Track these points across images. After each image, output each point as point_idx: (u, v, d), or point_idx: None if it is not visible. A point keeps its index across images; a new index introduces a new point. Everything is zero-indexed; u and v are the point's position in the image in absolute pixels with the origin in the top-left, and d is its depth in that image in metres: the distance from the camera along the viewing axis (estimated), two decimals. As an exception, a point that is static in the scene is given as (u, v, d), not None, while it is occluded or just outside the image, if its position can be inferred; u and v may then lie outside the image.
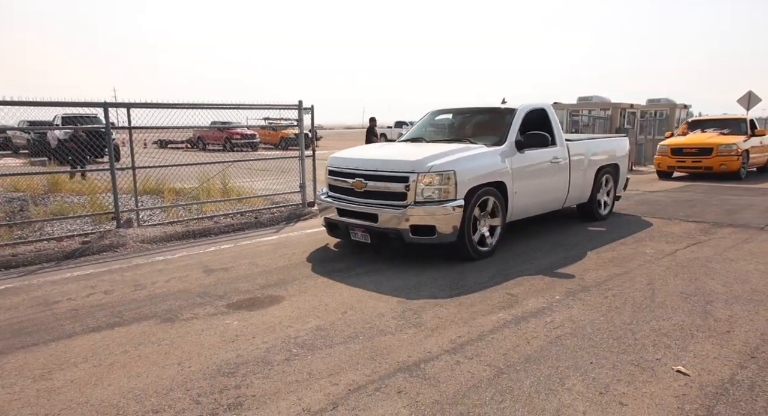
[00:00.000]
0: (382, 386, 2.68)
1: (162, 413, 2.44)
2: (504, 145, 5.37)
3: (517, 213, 5.51)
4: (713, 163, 11.65)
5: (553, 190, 6.05)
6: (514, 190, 5.28)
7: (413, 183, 4.65)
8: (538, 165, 5.73)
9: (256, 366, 2.91)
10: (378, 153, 5.55)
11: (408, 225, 4.62)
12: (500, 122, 5.75)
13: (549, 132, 5.92)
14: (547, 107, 6.22)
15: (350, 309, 3.78)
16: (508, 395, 2.58)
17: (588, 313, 3.67)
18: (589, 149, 6.66)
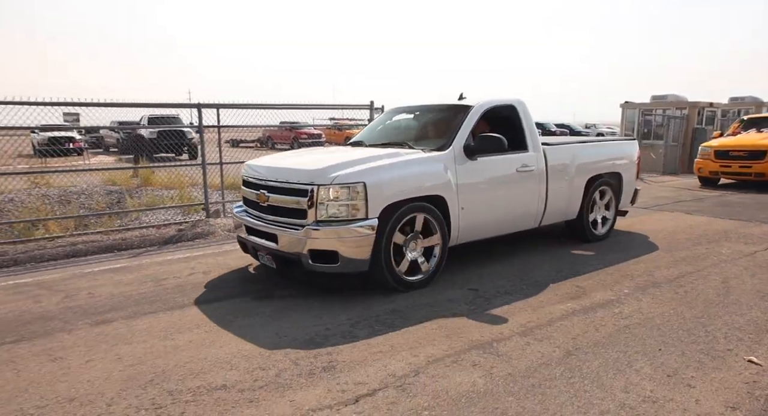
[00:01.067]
0: (458, 359, 2.94)
1: (267, 370, 2.83)
2: (447, 150, 4.36)
3: (466, 234, 4.52)
4: (766, 169, 9.80)
5: (520, 205, 4.96)
6: (459, 206, 4.34)
7: (313, 197, 3.78)
8: (498, 174, 4.71)
9: (342, 338, 3.26)
10: (289, 159, 4.65)
11: (307, 249, 3.78)
12: (451, 123, 4.70)
13: (518, 134, 4.97)
14: (517, 104, 5.09)
15: (424, 297, 4.07)
16: (577, 372, 2.77)
17: (657, 307, 3.75)
18: (575, 155, 5.46)
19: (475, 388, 2.61)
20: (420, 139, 4.96)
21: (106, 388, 2.66)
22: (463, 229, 4.46)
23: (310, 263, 3.83)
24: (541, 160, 5.07)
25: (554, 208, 5.30)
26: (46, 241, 5.90)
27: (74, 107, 6.27)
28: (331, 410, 2.43)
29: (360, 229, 3.76)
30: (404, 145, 4.66)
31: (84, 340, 3.27)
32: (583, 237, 5.74)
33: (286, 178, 4.06)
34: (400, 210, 3.97)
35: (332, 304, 3.87)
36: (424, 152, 4.38)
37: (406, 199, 4.01)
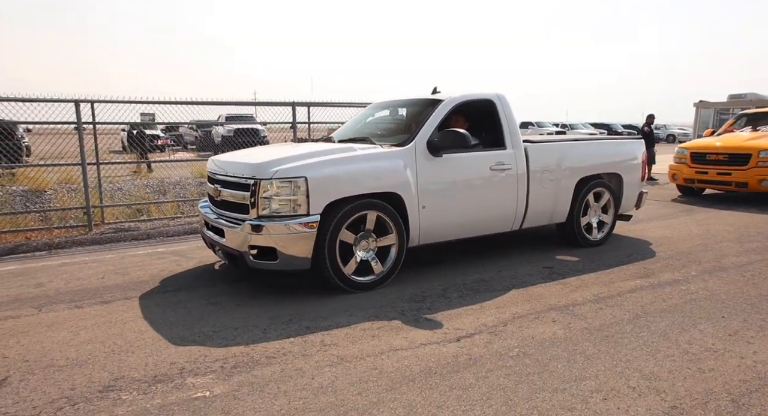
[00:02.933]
0: (539, 317, 3.47)
1: (381, 318, 3.47)
2: (408, 146, 4.19)
3: (429, 234, 4.33)
4: (749, 177, 7.81)
5: (494, 206, 4.68)
6: (420, 205, 4.16)
7: (255, 191, 3.72)
8: (467, 172, 4.48)
9: (437, 299, 3.86)
10: (245, 154, 4.57)
11: (247, 245, 3.73)
12: (418, 118, 4.55)
13: (496, 130, 4.77)
14: (495, 98, 4.80)
15: (504, 269, 4.60)
16: (645, 329, 3.22)
17: (723, 286, 4.09)
18: (563, 154, 5.13)
19: (556, 336, 3.14)
20: (389, 135, 4.80)
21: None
22: (425, 229, 4.26)
23: (252, 259, 3.76)
24: (521, 159, 4.78)
25: (538, 210, 4.99)
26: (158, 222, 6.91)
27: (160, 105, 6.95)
28: (438, 345, 3.03)
29: (299, 226, 3.65)
30: (366, 141, 4.51)
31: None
32: (575, 241, 5.36)
33: (234, 173, 3.99)
34: (348, 207, 3.83)
35: (426, 274, 4.48)
36: (383, 147, 4.23)
37: (354, 195, 3.86)
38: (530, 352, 2.91)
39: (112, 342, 3.09)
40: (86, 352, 2.96)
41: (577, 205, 5.26)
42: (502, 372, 2.67)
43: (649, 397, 2.40)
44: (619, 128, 34.68)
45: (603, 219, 5.59)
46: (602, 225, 5.59)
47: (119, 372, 2.70)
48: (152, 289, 4.14)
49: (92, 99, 6.36)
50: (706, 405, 2.34)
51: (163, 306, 3.73)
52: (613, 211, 5.62)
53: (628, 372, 2.65)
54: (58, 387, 2.55)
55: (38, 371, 2.73)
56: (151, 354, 2.91)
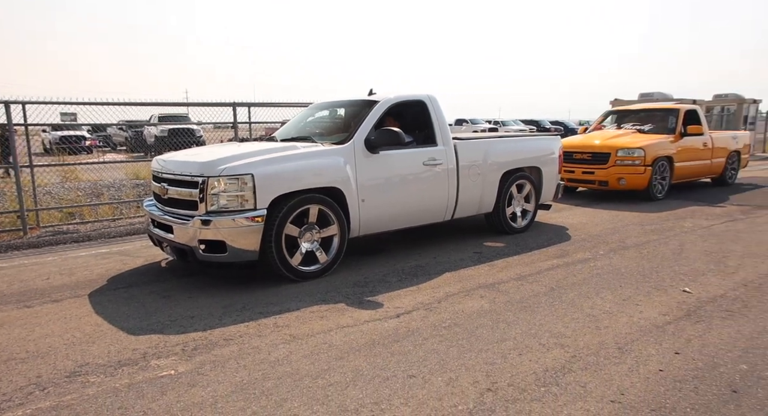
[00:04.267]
0: (469, 294, 3.92)
1: (328, 302, 3.80)
2: (347, 144, 4.52)
3: (368, 225, 4.67)
4: (609, 175, 8.08)
5: (427, 198, 5.07)
6: (360, 198, 4.50)
7: (204, 188, 3.92)
8: (402, 168, 4.85)
9: (379, 283, 4.23)
10: (191, 153, 4.77)
11: (197, 240, 3.94)
12: (356, 118, 4.87)
13: (428, 129, 5.20)
14: (427, 99, 5.21)
15: (440, 254, 5.05)
16: (558, 299, 3.76)
17: (624, 261, 4.74)
18: (489, 150, 5.61)
19: (483, 309, 3.60)
20: (329, 134, 5.09)
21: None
22: (364, 221, 4.60)
23: (202, 253, 3.96)
24: (451, 154, 5.20)
25: (467, 202, 5.43)
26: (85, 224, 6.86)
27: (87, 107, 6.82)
28: (380, 321, 3.40)
29: (247, 220, 3.89)
30: (308, 139, 4.83)
31: (179, 286, 4.23)
32: (501, 229, 5.88)
33: (181, 171, 4.18)
34: (293, 201, 4.08)
35: (369, 262, 4.84)
36: (324, 145, 4.54)
37: (298, 190, 4.12)
38: (460, 323, 3.34)
39: (71, 335, 3.23)
40: (46, 345, 3.09)
41: (502, 196, 5.77)
42: (436, 339, 3.08)
43: (555, 350, 2.89)
44: (547, 124, 36.67)
45: (526, 208, 6.13)
46: (525, 214, 6.14)
47: (83, 360, 2.87)
48: (102, 287, 4.25)
49: (23, 100, 6.23)
50: (598, 352, 2.85)
51: (116, 302, 3.86)
52: (535, 201, 6.18)
53: (540, 333, 3.14)
54: (24, 376, 2.69)
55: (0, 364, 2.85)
56: (113, 343, 3.09)
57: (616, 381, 2.54)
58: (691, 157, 8.84)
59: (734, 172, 10.17)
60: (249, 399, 2.43)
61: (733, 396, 2.40)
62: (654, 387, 2.48)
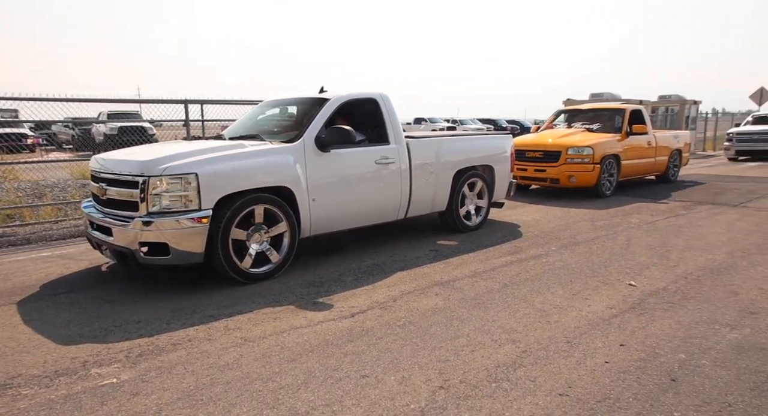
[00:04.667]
0: (424, 292, 3.94)
1: (281, 303, 3.73)
2: (297, 142, 4.42)
3: (319, 225, 4.58)
4: (560, 173, 8.28)
5: (380, 197, 5.04)
6: (310, 198, 4.41)
7: (144, 188, 3.75)
8: (354, 167, 4.81)
9: (334, 283, 4.19)
10: (131, 151, 4.59)
11: (138, 242, 3.75)
12: (307, 116, 4.78)
13: (380, 127, 5.15)
14: (379, 98, 5.19)
15: (397, 253, 5.05)
16: (511, 295, 3.82)
17: (574, 257, 4.88)
18: (442, 149, 5.62)
19: (438, 306, 3.62)
20: (279, 132, 4.96)
21: (160, 316, 3.49)
22: (316, 220, 4.51)
23: (143, 256, 3.79)
24: (403, 153, 5.19)
25: (420, 200, 5.42)
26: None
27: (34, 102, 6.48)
28: (335, 321, 3.36)
29: (191, 221, 3.75)
30: (257, 138, 4.70)
31: (125, 290, 4.05)
32: (454, 228, 5.89)
33: (120, 170, 4.00)
34: (240, 201, 3.96)
35: (325, 261, 4.79)
36: (273, 144, 4.42)
37: (245, 189, 4.00)
38: (415, 321, 3.35)
39: (2, 346, 3.04)
40: (-25, 357, 2.89)
41: (455, 194, 5.79)
42: (390, 338, 3.07)
43: (507, 346, 2.94)
44: (503, 123, 37.46)
45: (479, 206, 6.18)
46: (478, 212, 6.18)
47: (15, 371, 2.70)
48: (41, 292, 4.02)
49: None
50: (548, 347, 2.91)
51: (56, 308, 3.66)
52: (488, 199, 6.24)
53: (493, 329, 3.18)
54: (-52, 391, 2.50)
55: None
56: (49, 352, 2.92)
57: (564, 374, 2.60)
58: (636, 155, 9.15)
59: (676, 169, 10.64)
60: (196, 406, 2.34)
61: (672, 384, 2.49)
62: (600, 378, 2.55)
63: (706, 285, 3.97)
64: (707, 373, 2.59)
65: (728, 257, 4.76)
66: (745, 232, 5.77)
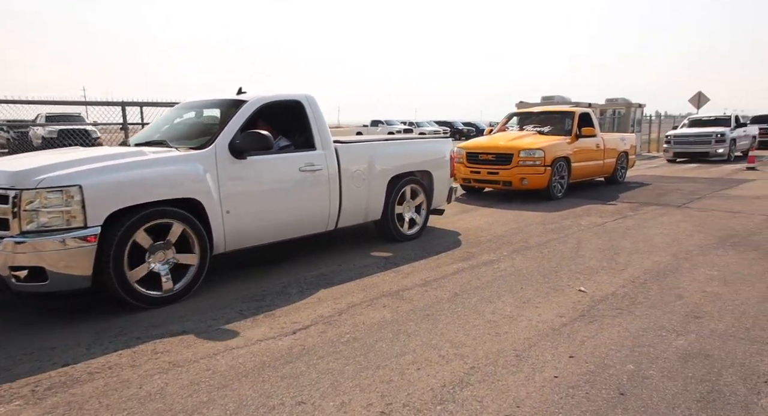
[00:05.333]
0: (372, 303, 3.76)
1: (216, 322, 3.47)
2: (207, 149, 4.00)
3: (236, 239, 4.16)
4: (512, 176, 8.27)
5: (306, 207, 4.66)
6: (224, 210, 3.99)
7: (17, 203, 3.21)
8: (275, 174, 4.42)
9: (277, 296, 3.95)
10: (9, 160, 4.06)
11: (8, 266, 3.23)
12: (222, 120, 4.44)
13: (306, 132, 4.80)
14: (303, 100, 4.83)
15: (345, 262, 4.86)
16: (461, 305, 3.70)
17: (526, 262, 4.83)
18: (375, 154, 5.29)
19: (385, 319, 3.45)
20: (191, 138, 4.49)
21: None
22: (231, 234, 4.10)
23: (16, 283, 3.30)
24: (332, 159, 4.85)
25: (351, 209, 5.10)
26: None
27: None
28: (274, 340, 3.14)
29: (74, 241, 3.25)
30: (163, 144, 4.32)
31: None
32: (391, 237, 5.59)
33: None
34: (135, 216, 3.50)
35: (269, 272, 4.54)
36: (179, 151, 4.03)
37: (143, 202, 3.55)
38: (360, 337, 3.17)
39: None
40: None
41: (390, 202, 5.47)
42: (332, 357, 2.88)
43: (454, 362, 2.80)
44: (459, 125, 37.92)
45: (417, 214, 5.91)
46: (417, 219, 5.90)
47: None
48: (-55, 316, 3.60)
49: None
50: (497, 361, 2.80)
51: (-41, 334, 3.27)
52: (426, 206, 5.97)
53: (440, 344, 3.04)
54: None
55: None
56: (-59, 389, 2.57)
57: (512, 392, 2.48)
58: (586, 157, 9.30)
59: (624, 171, 10.90)
60: (106, 448, 2.08)
61: (620, 399, 2.41)
62: (549, 395, 2.44)
63: (653, 289, 3.98)
64: (655, 385, 2.53)
65: (673, 259, 4.82)
66: (687, 233, 5.90)
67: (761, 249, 5.11)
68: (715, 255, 4.92)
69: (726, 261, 4.71)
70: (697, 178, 11.75)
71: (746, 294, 3.81)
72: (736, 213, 7.05)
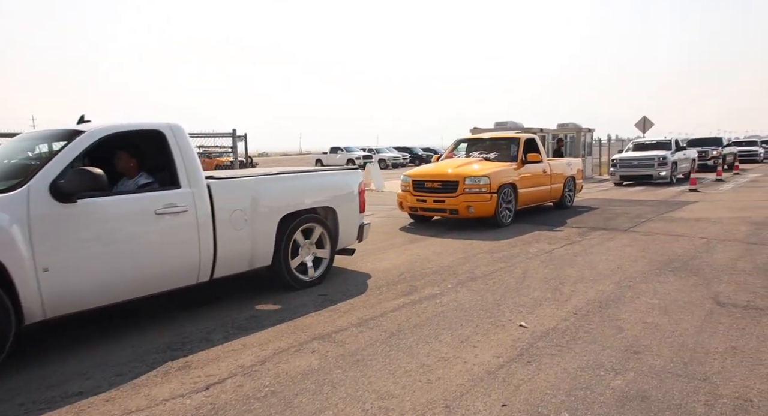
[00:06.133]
0: (300, 349, 3.48)
1: (121, 378, 3.11)
2: (17, 191, 3.26)
3: (62, 303, 3.38)
4: (458, 204, 8.02)
5: (166, 257, 3.92)
6: (39, 268, 3.22)
7: None
8: (117, 220, 3.67)
9: (199, 343, 3.62)
10: None
11: None
12: (48, 156, 3.69)
13: (169, 167, 4.08)
14: (166, 129, 4.14)
15: (279, 303, 4.56)
16: (395, 347, 3.46)
17: (470, 295, 4.65)
18: (260, 191, 4.57)
19: (311, 367, 3.17)
20: (9, 178, 3.63)
21: None
22: (52, 298, 3.30)
23: None
24: (202, 198, 4.11)
25: (231, 256, 4.34)
26: None
27: None
28: (182, 398, 2.81)
29: None
30: None
31: None
32: (286, 284, 4.84)
33: None
34: None
35: (196, 315, 4.19)
36: None
37: None
38: (279, 390, 2.88)
39: None
40: None
41: (283, 245, 4.72)
42: (243, 417, 2.58)
43: (378, 418, 2.55)
44: (419, 151, 38.26)
45: (319, 256, 5.16)
46: (319, 262, 5.16)
47: None
48: None
49: None
50: (423, 415, 2.56)
51: None
52: (330, 247, 5.22)
53: (366, 396, 2.78)
54: None
55: None
56: None
57: (436, 452, 2.24)
58: (533, 183, 9.31)
59: (572, 195, 10.97)
60: None
61: (553, 455, 2.21)
62: (476, 454, 2.22)
63: (594, 321, 3.86)
64: (590, 435, 2.35)
65: (616, 287, 4.75)
66: (632, 259, 5.90)
67: (701, 274, 5.12)
68: (657, 282, 4.89)
69: (667, 288, 4.67)
70: (644, 200, 12.05)
71: (685, 324, 3.74)
72: (678, 237, 7.15)
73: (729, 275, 5.05)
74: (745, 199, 11.66)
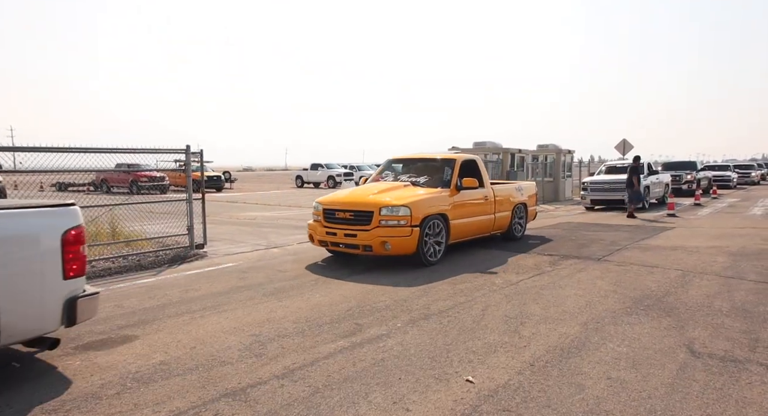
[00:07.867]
0: (202, 410, 2.91)
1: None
2: None
3: None
4: (372, 239, 6.61)
5: None
6: None
7: None
8: None
9: (84, 401, 3.03)
10: None
11: None
12: None
13: None
14: None
15: (200, 344, 3.99)
16: (314, 410, 2.91)
17: (419, 337, 4.13)
18: None
19: (205, 439, 2.61)
20: None
21: None
22: None
23: None
24: None
25: None
26: None
27: None
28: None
29: None
30: None
31: None
32: None
33: None
34: None
35: (90, 365, 3.59)
36: None
37: None
38: (154, 474, 2.31)
39: None
40: None
41: None
42: None
43: None
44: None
45: None
46: None
47: None
48: None
49: None
50: None
51: None
52: None
53: (257, 484, 2.23)
54: None
55: None
56: None
57: None
58: (470, 212, 7.86)
59: (522, 224, 9.48)
60: None
61: None
62: None
63: (553, 375, 3.35)
64: None
65: (582, 330, 4.27)
66: (603, 294, 5.43)
67: (674, 315, 4.66)
68: (627, 324, 4.41)
69: (638, 332, 4.20)
70: (620, 225, 11.69)
71: (655, 381, 3.25)
72: (653, 269, 6.72)
73: (705, 316, 4.61)
74: (722, 226, 11.38)
